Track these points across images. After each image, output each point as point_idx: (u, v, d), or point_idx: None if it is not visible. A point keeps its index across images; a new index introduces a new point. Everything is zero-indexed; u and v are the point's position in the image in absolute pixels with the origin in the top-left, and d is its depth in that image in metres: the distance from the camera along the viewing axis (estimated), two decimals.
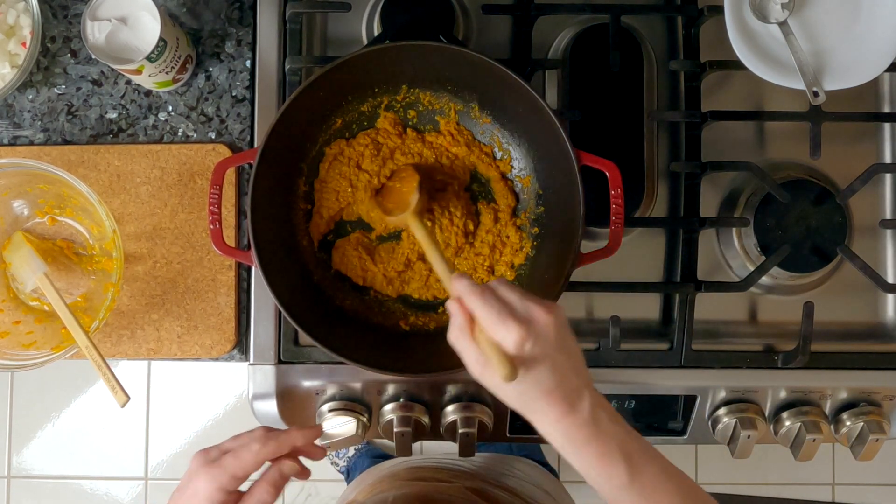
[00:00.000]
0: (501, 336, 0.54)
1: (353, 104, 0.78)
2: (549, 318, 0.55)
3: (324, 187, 0.78)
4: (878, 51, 0.76)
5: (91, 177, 0.84)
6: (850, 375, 0.81)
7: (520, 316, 0.55)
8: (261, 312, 0.81)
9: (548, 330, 0.55)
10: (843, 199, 0.79)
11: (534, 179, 0.78)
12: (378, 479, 0.90)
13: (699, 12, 0.82)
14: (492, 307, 0.55)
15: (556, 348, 0.55)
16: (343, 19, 0.85)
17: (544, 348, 0.55)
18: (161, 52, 0.76)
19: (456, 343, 0.58)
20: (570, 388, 0.55)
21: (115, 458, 1.82)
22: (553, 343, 0.55)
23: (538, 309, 0.56)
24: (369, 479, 0.93)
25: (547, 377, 0.55)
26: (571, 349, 0.57)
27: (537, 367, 0.55)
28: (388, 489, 0.83)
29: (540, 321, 0.55)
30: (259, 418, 0.82)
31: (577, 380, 0.56)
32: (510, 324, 0.54)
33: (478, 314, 0.55)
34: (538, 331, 0.55)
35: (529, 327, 0.54)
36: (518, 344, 0.54)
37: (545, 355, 0.55)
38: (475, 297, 0.56)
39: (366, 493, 0.86)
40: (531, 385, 0.55)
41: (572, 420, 0.55)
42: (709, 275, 0.84)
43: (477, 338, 0.56)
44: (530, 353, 0.54)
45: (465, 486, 0.82)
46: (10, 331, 0.81)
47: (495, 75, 0.72)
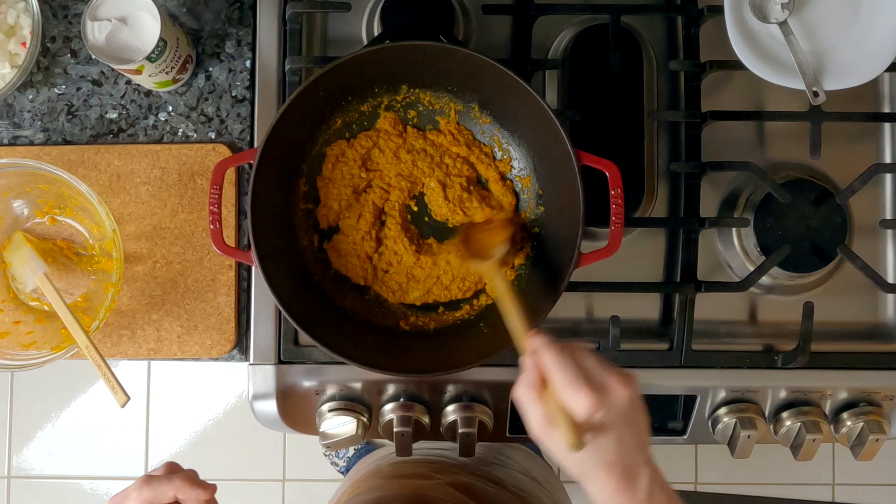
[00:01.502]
0: (573, 402, 0.53)
1: (353, 104, 0.78)
2: (624, 391, 0.55)
3: (328, 184, 0.78)
4: (878, 51, 0.76)
5: (91, 177, 0.84)
6: (850, 375, 0.81)
7: (595, 384, 0.54)
8: (261, 312, 0.81)
9: (622, 402, 0.54)
10: (843, 199, 0.79)
11: (534, 179, 0.78)
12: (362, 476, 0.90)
13: (699, 12, 0.82)
14: (568, 370, 0.54)
15: (625, 422, 0.54)
16: (343, 19, 0.85)
17: (614, 420, 0.54)
18: (161, 52, 0.76)
19: (522, 400, 0.57)
20: (631, 463, 0.55)
21: (115, 458, 1.82)
22: (623, 416, 0.54)
23: (615, 380, 0.55)
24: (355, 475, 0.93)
25: (611, 449, 0.54)
26: (640, 424, 0.56)
27: (603, 438, 0.54)
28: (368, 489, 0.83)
29: (615, 393, 0.54)
30: (259, 418, 0.82)
31: (639, 456, 0.55)
32: (585, 391, 0.53)
33: (552, 375, 0.55)
34: (611, 403, 0.54)
35: (603, 398, 0.53)
36: (589, 414, 0.53)
37: (613, 427, 0.54)
38: (552, 357, 0.55)
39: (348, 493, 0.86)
40: (593, 455, 0.54)
41: (628, 497, 0.54)
42: (709, 275, 0.84)
43: (545, 399, 0.55)
44: (599, 423, 0.54)
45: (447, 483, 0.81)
46: (10, 331, 0.81)
47: (495, 75, 0.72)
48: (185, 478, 0.58)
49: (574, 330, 0.83)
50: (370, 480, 0.86)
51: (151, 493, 0.57)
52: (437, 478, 0.83)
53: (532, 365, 0.56)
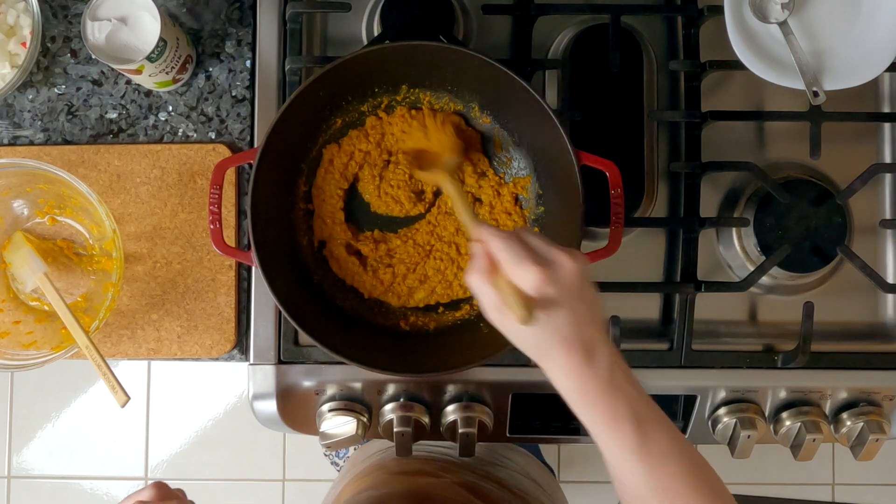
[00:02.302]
0: (521, 278, 0.53)
1: (353, 104, 0.78)
2: (571, 263, 0.54)
3: (321, 193, 0.78)
4: (878, 51, 0.76)
5: (91, 177, 0.84)
6: (850, 375, 0.81)
7: (542, 259, 0.54)
8: (261, 312, 0.81)
9: (570, 276, 0.54)
10: (843, 199, 0.79)
11: (534, 179, 0.78)
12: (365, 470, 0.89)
13: (699, 12, 0.82)
14: (514, 248, 0.54)
15: (576, 296, 0.54)
16: (343, 19, 0.85)
17: (564, 294, 0.53)
18: (161, 52, 0.76)
19: (474, 285, 0.57)
20: (587, 338, 0.54)
21: (115, 458, 1.82)
22: (574, 290, 0.54)
23: (561, 254, 0.54)
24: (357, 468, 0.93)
25: (565, 324, 0.53)
26: (592, 299, 0.56)
27: (556, 313, 0.53)
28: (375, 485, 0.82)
29: (562, 265, 0.54)
30: (259, 418, 0.82)
31: (595, 332, 0.55)
32: (530, 265, 0.53)
33: (499, 256, 0.55)
34: (559, 275, 0.53)
35: (550, 270, 0.53)
36: (537, 285, 0.53)
37: (564, 301, 0.53)
38: (498, 239, 0.55)
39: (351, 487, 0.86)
40: (548, 331, 0.54)
41: (587, 372, 0.53)
42: (709, 275, 0.84)
43: (496, 281, 0.55)
44: (549, 296, 0.53)
45: (453, 482, 0.81)
46: (10, 331, 0.81)
47: (495, 75, 0.72)
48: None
49: None
50: (374, 475, 0.86)
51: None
52: (444, 476, 0.83)
53: (481, 251, 0.56)
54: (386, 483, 0.82)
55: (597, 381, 0.54)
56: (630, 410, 0.54)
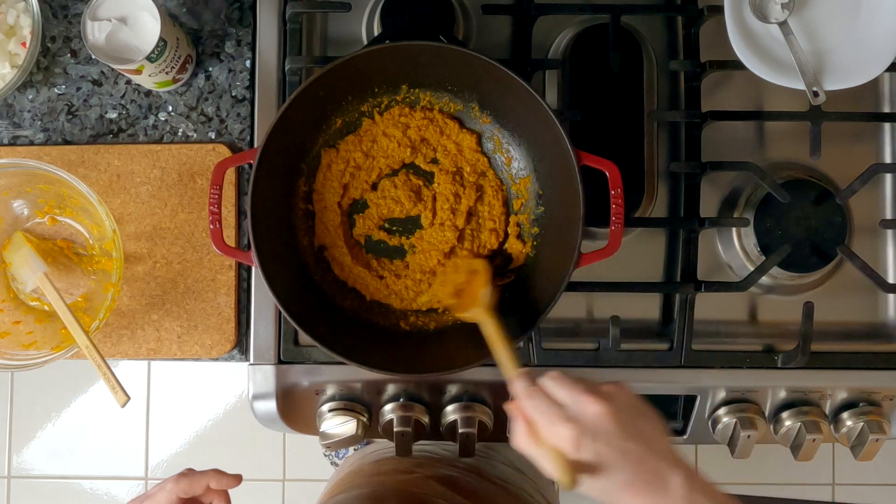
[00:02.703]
0: (556, 440, 0.52)
1: (353, 104, 0.78)
2: (601, 408, 0.53)
3: (321, 199, 0.78)
4: (878, 51, 0.76)
5: (91, 177, 0.84)
6: (850, 375, 0.81)
7: (570, 415, 0.53)
8: (261, 312, 0.81)
9: (604, 422, 0.52)
10: (843, 199, 0.79)
11: (534, 179, 0.78)
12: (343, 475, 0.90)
13: (699, 12, 0.82)
14: (541, 411, 0.53)
15: (622, 438, 0.52)
16: (343, 19, 0.85)
17: (608, 443, 0.52)
18: (161, 52, 0.76)
19: (522, 450, 0.56)
20: (652, 474, 0.52)
21: (115, 458, 1.82)
22: (616, 434, 0.52)
23: (590, 402, 0.53)
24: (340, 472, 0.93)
25: (621, 472, 0.52)
26: (644, 431, 0.54)
27: (607, 465, 0.52)
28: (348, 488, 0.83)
29: (592, 415, 0.53)
30: (259, 418, 0.82)
31: (659, 463, 0.53)
32: (559, 427, 0.52)
33: (533, 419, 0.54)
34: (594, 427, 0.52)
35: (581, 425, 0.52)
36: (573, 447, 0.52)
37: (611, 450, 0.52)
38: (526, 402, 0.54)
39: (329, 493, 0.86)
40: (606, 483, 0.52)
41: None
42: (709, 275, 0.84)
43: (540, 442, 0.54)
44: (594, 452, 0.52)
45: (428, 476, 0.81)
46: (10, 331, 0.81)
47: (495, 75, 0.72)
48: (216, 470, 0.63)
49: (574, 330, 0.83)
50: (350, 479, 0.86)
51: (188, 482, 0.62)
52: (417, 472, 0.83)
53: (518, 413, 0.56)
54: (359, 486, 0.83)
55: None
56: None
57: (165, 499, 0.61)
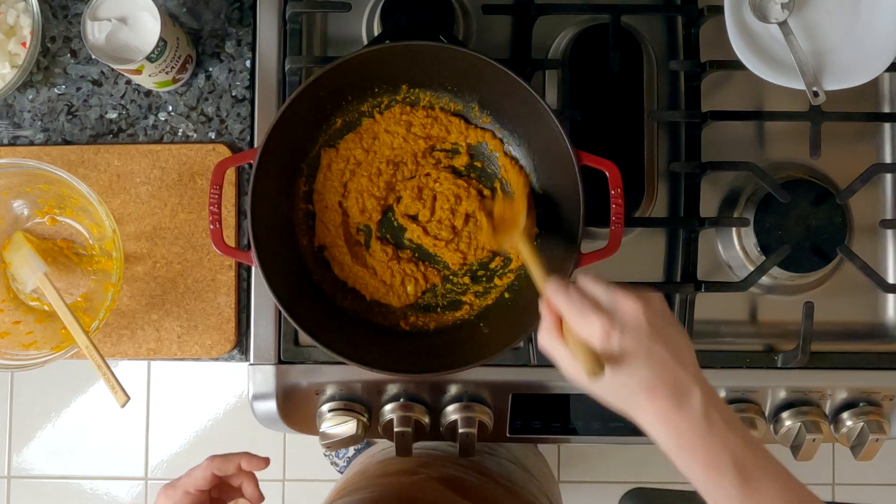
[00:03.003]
0: (587, 331, 0.52)
1: (353, 104, 0.78)
2: (636, 305, 0.52)
3: (322, 199, 0.78)
4: (878, 51, 0.76)
5: (91, 177, 0.84)
6: (850, 375, 0.81)
7: (604, 308, 0.52)
8: (261, 312, 0.81)
9: (637, 319, 0.52)
10: (843, 199, 0.79)
11: (534, 179, 0.78)
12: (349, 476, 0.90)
13: (699, 12, 0.82)
14: (574, 302, 0.53)
15: (651, 338, 0.52)
16: (343, 19, 0.85)
17: (636, 339, 0.51)
18: (161, 52, 0.76)
19: (545, 345, 0.56)
20: (674, 381, 0.51)
21: (115, 458, 1.82)
22: (646, 332, 0.52)
23: (625, 298, 0.53)
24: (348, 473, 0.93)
25: (644, 370, 0.51)
26: (673, 338, 0.53)
27: (631, 361, 0.51)
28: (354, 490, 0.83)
29: (627, 311, 0.52)
30: (259, 418, 0.82)
31: (683, 373, 0.52)
32: (592, 317, 0.51)
33: (563, 312, 0.54)
34: (626, 321, 0.52)
35: (614, 318, 0.51)
36: (602, 336, 0.51)
37: (639, 347, 0.51)
38: (560, 294, 0.54)
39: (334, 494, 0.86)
40: (627, 380, 0.51)
41: (679, 418, 0.50)
42: (709, 275, 0.84)
43: (566, 338, 0.54)
44: (621, 345, 0.51)
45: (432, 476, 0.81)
46: (10, 331, 0.81)
47: (495, 75, 0.72)
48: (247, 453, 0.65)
49: None
50: (356, 481, 0.86)
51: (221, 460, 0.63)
52: (421, 472, 0.83)
53: (547, 310, 0.55)
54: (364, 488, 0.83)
55: (691, 427, 0.51)
56: (730, 458, 0.50)
57: (201, 474, 0.63)
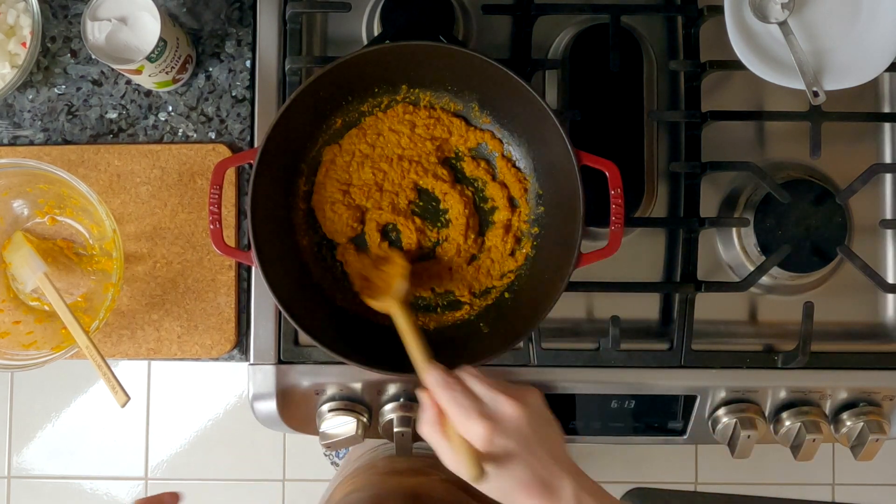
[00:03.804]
0: (469, 433, 0.54)
1: (353, 104, 0.78)
2: (518, 411, 0.55)
3: (322, 190, 0.78)
4: (878, 51, 0.76)
5: (91, 177, 0.84)
6: (850, 375, 0.81)
7: (487, 411, 0.55)
8: (261, 312, 0.81)
9: (518, 423, 0.55)
10: (843, 199, 0.80)
11: (534, 179, 0.78)
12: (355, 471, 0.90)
13: (699, 12, 0.82)
14: (458, 404, 0.55)
15: (529, 440, 0.55)
16: (343, 19, 0.85)
17: (516, 442, 0.54)
18: (161, 52, 0.76)
19: (427, 437, 0.57)
20: (548, 477, 0.55)
21: (115, 458, 1.82)
22: (525, 436, 0.55)
23: (507, 403, 0.55)
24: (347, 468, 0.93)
25: (521, 471, 0.54)
26: (548, 437, 0.57)
27: (510, 462, 0.54)
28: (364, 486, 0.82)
29: (508, 416, 0.55)
30: (259, 418, 0.82)
31: (555, 468, 0.55)
32: (474, 421, 0.54)
33: (446, 409, 0.56)
34: (507, 425, 0.55)
35: (496, 423, 0.54)
36: (484, 441, 0.54)
37: (518, 449, 0.54)
38: (442, 392, 0.56)
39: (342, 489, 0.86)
40: (506, 480, 0.55)
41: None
42: (709, 275, 0.84)
43: (448, 433, 0.56)
44: (501, 448, 0.54)
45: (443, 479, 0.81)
46: (10, 331, 0.81)
47: (495, 75, 0.72)
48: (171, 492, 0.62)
49: (574, 330, 0.83)
50: (364, 476, 0.86)
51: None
52: (433, 474, 0.83)
53: (429, 402, 0.57)
54: (374, 484, 0.83)
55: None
56: None
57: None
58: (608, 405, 0.82)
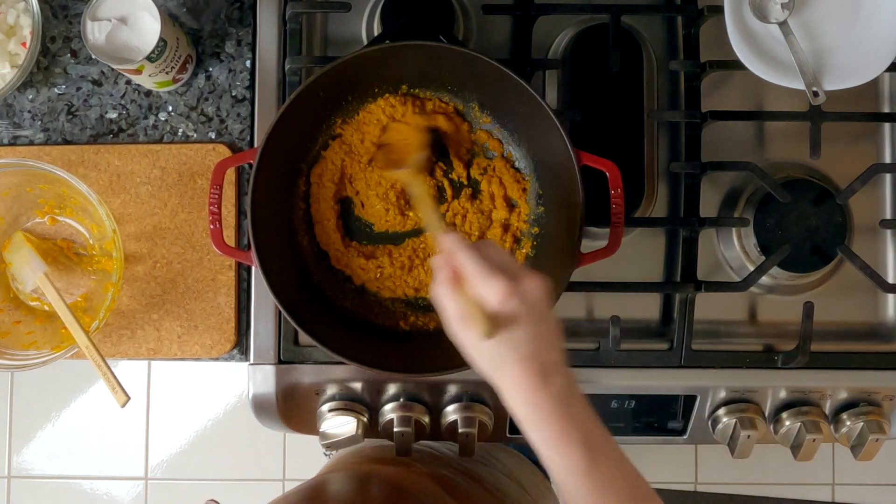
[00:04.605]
0: (486, 291, 0.54)
1: (353, 104, 0.78)
2: (536, 281, 0.55)
3: (317, 197, 0.78)
4: (878, 51, 0.76)
5: (91, 177, 0.84)
6: (850, 375, 0.81)
7: (507, 274, 0.54)
8: (261, 312, 0.81)
9: (534, 293, 0.54)
10: (843, 199, 0.80)
11: (534, 179, 0.78)
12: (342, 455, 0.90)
13: (699, 12, 0.82)
14: (481, 261, 0.54)
15: (538, 315, 0.54)
16: (343, 19, 0.85)
17: (527, 311, 0.54)
18: (161, 52, 0.76)
19: (438, 297, 0.57)
20: (546, 360, 0.54)
21: (115, 458, 1.82)
22: (537, 309, 0.54)
23: (528, 272, 0.55)
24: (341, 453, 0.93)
25: (524, 342, 0.54)
26: (552, 322, 0.56)
27: (516, 330, 0.54)
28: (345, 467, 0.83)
29: (527, 282, 0.54)
30: (259, 418, 0.82)
31: (554, 354, 0.55)
32: (496, 278, 0.53)
33: (466, 268, 0.55)
34: (523, 291, 0.54)
35: (515, 285, 0.54)
36: (502, 299, 0.53)
37: (527, 319, 0.54)
38: (464, 251, 0.55)
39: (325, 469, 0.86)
40: (507, 347, 0.54)
41: (542, 393, 0.54)
42: (709, 275, 0.84)
43: (460, 294, 0.55)
44: (512, 312, 0.53)
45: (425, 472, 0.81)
46: (10, 331, 0.81)
47: (495, 75, 0.72)
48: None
49: (574, 330, 0.83)
50: (349, 459, 0.86)
51: None
52: (415, 466, 0.83)
53: (445, 262, 0.56)
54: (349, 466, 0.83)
55: (551, 402, 0.54)
56: (580, 434, 0.54)
57: None
58: (608, 405, 0.82)
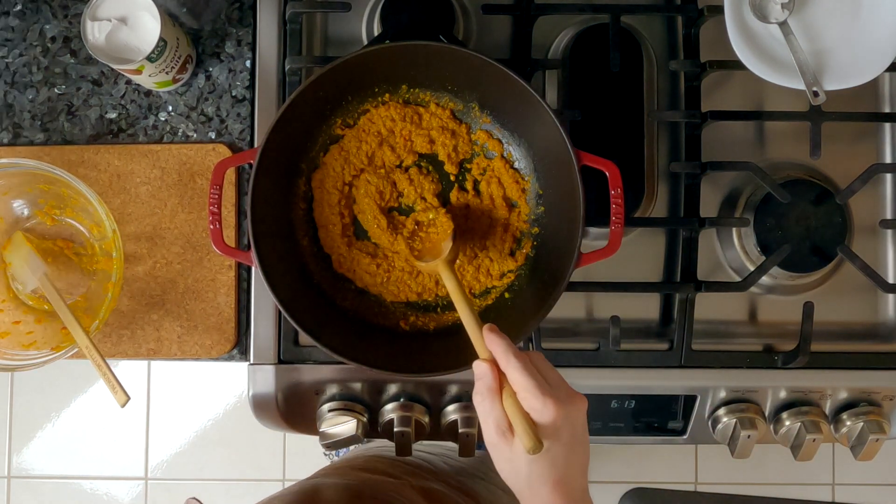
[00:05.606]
0: (537, 410, 0.53)
1: (353, 104, 0.78)
2: (582, 405, 0.55)
3: (321, 202, 0.78)
4: (878, 51, 0.76)
5: (91, 177, 0.84)
6: (850, 375, 0.81)
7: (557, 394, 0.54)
8: (261, 312, 0.81)
9: (578, 420, 0.55)
10: (843, 199, 0.80)
11: (534, 179, 0.78)
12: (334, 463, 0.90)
13: (699, 12, 0.82)
14: (536, 377, 0.54)
15: (577, 441, 0.55)
16: (343, 19, 0.85)
17: (570, 434, 0.54)
18: (161, 52, 0.76)
19: (481, 405, 0.56)
20: (578, 486, 0.55)
21: (115, 458, 1.82)
22: (577, 435, 0.55)
23: (573, 393, 0.55)
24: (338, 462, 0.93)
25: (562, 465, 0.54)
26: (587, 447, 0.57)
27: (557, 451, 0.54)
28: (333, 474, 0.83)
29: (575, 407, 0.54)
30: (259, 418, 0.82)
31: (585, 481, 0.55)
32: (549, 400, 0.53)
33: (517, 379, 0.54)
34: (570, 415, 0.54)
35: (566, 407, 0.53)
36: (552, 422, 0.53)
37: (568, 442, 0.54)
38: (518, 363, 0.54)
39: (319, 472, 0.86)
40: (545, 467, 0.54)
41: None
42: (709, 275, 0.84)
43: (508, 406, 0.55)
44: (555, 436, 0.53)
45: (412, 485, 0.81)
46: (10, 331, 0.81)
47: (495, 75, 0.72)
48: None
49: (574, 330, 0.83)
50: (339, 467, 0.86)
51: None
52: (404, 479, 0.83)
53: (490, 369, 0.56)
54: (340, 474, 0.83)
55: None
56: None
57: None
58: (608, 405, 0.82)
